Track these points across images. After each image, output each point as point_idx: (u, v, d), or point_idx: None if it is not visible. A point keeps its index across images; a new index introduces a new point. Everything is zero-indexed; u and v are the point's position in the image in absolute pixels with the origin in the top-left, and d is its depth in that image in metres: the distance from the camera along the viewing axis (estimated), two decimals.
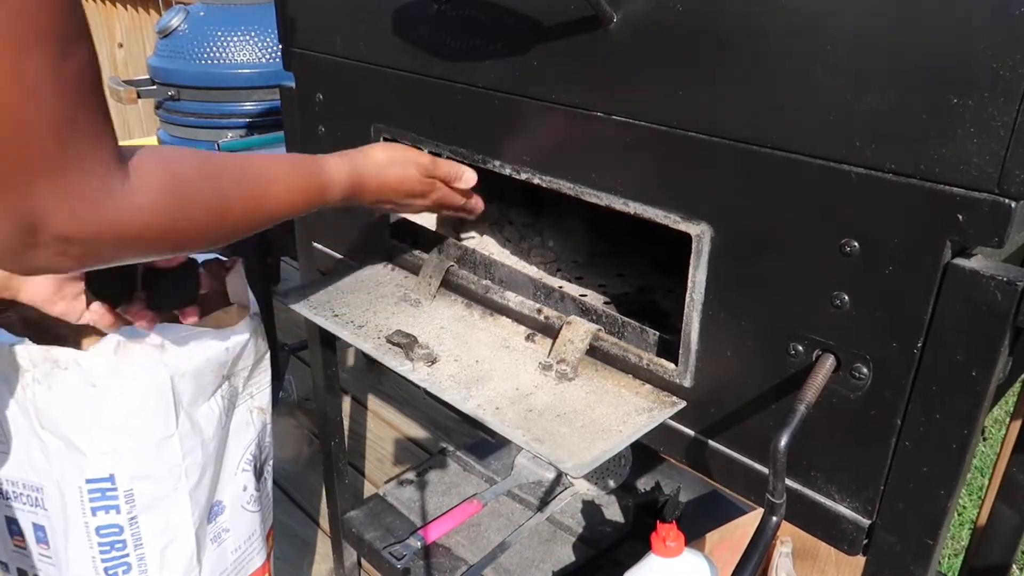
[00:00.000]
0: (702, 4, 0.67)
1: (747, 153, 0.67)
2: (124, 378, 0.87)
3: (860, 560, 0.72)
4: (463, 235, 1.12)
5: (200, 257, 1.09)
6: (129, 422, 0.89)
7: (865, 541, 0.70)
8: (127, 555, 0.94)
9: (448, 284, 1.04)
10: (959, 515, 1.98)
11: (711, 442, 0.80)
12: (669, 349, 0.81)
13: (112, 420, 0.88)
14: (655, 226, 0.77)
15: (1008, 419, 1.20)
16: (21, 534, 0.96)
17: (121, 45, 3.88)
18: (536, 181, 0.86)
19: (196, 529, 0.98)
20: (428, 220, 1.12)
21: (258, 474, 1.09)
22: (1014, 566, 1.31)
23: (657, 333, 0.83)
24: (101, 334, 0.88)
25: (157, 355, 0.89)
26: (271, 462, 1.14)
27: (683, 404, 0.80)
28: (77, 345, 0.91)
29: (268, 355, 1.06)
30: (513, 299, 0.96)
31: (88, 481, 0.89)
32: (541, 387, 0.85)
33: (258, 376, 1.05)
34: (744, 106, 0.66)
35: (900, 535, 0.67)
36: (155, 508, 0.93)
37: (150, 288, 0.88)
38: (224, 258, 1.06)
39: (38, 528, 0.94)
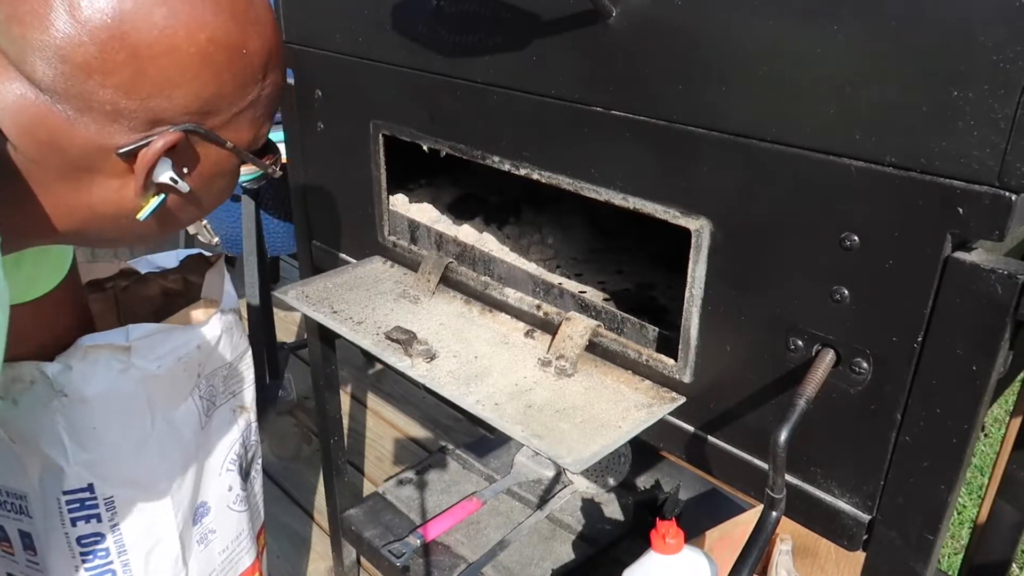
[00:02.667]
0: None
1: (747, 147, 0.67)
2: (94, 385, 0.85)
3: (860, 557, 0.71)
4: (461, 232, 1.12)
5: (183, 252, 1.08)
6: (103, 429, 0.86)
7: (865, 536, 0.70)
8: (111, 562, 0.92)
9: (447, 280, 1.04)
10: (959, 514, 1.98)
11: (711, 438, 0.79)
12: (668, 345, 0.81)
13: (86, 429, 0.85)
14: (655, 222, 0.77)
15: (1008, 417, 1.20)
16: (8, 540, 0.95)
17: None
18: (535, 176, 0.86)
19: (180, 532, 0.96)
20: (426, 217, 1.12)
21: (244, 473, 1.07)
22: (1014, 564, 1.31)
23: (656, 329, 0.83)
24: (70, 342, 0.86)
25: (125, 358, 0.86)
26: (259, 460, 1.13)
27: (682, 400, 0.80)
28: (44, 355, 0.89)
29: (248, 352, 1.04)
30: (512, 295, 0.96)
31: (65, 493, 0.87)
32: (540, 383, 0.85)
33: (239, 374, 1.03)
34: (744, 100, 0.66)
35: (900, 530, 0.67)
36: (137, 513, 0.91)
37: None
38: (208, 253, 1.05)
39: (24, 535, 0.92)
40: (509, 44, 0.83)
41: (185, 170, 0.63)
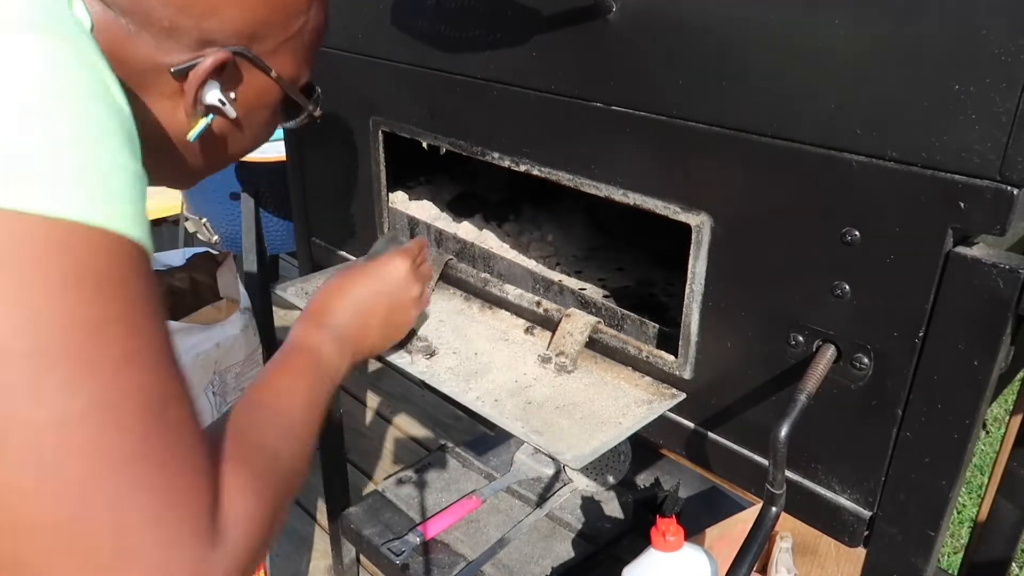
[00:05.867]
0: None
1: (747, 142, 0.67)
2: None
3: (860, 554, 0.71)
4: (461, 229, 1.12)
5: (189, 251, 1.08)
6: None
7: (866, 533, 0.70)
8: None
9: (447, 277, 1.03)
10: (958, 513, 1.97)
11: (711, 434, 0.79)
12: (669, 341, 0.81)
13: None
14: (655, 219, 0.77)
15: (1008, 416, 1.20)
16: None
17: None
18: (535, 172, 0.86)
19: None
20: (426, 214, 1.12)
21: None
22: (1014, 563, 1.31)
23: (656, 325, 0.83)
24: None
25: None
26: None
27: (683, 396, 0.80)
28: None
29: (260, 349, 1.05)
30: (512, 292, 0.96)
31: None
32: (540, 379, 0.84)
33: (250, 371, 1.04)
34: (744, 95, 0.66)
35: (901, 526, 0.66)
36: None
37: None
38: (215, 252, 1.05)
39: None
40: (509, 40, 0.83)
41: (232, 95, 0.65)
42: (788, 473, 0.72)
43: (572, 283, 0.97)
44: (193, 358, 0.91)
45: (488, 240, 1.06)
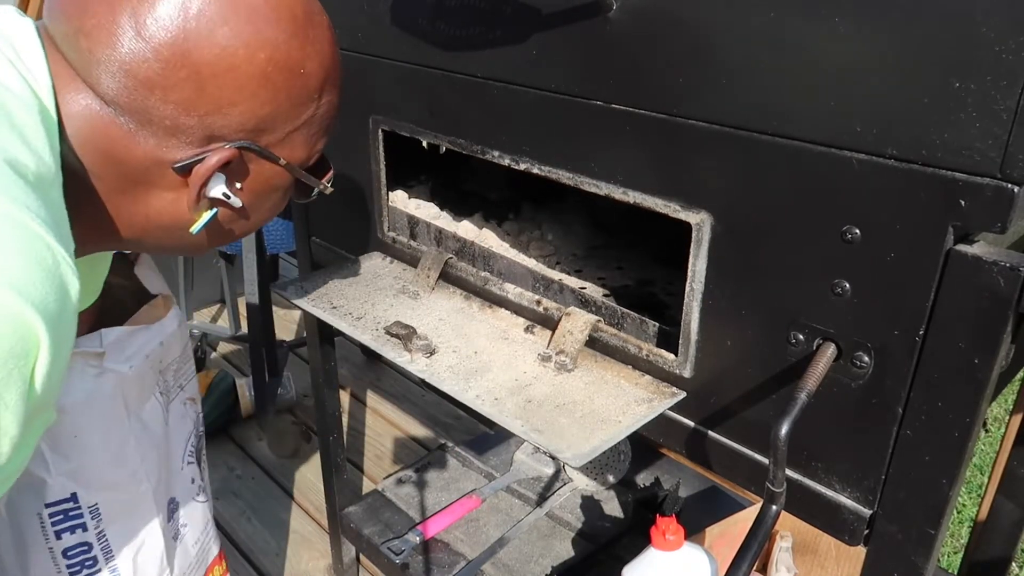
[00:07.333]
0: None
1: (747, 140, 0.67)
2: (72, 394, 0.83)
3: (860, 553, 0.71)
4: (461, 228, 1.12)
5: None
6: (85, 436, 0.85)
7: (866, 531, 0.70)
8: (99, 571, 0.90)
9: (447, 276, 1.03)
10: (958, 513, 1.97)
11: (711, 433, 0.79)
12: (669, 339, 0.81)
13: (66, 438, 0.84)
14: (654, 218, 0.77)
15: (1008, 416, 1.20)
16: None
17: None
18: (535, 171, 0.86)
19: (163, 529, 0.95)
20: (425, 213, 1.12)
21: (200, 464, 1.06)
22: (1013, 563, 1.31)
23: (657, 324, 0.83)
24: None
25: (99, 363, 0.85)
26: (204, 449, 1.11)
27: (683, 395, 0.80)
28: None
29: (190, 343, 1.03)
30: (512, 291, 0.96)
31: (48, 506, 0.85)
32: (540, 378, 0.84)
33: (185, 367, 1.01)
34: (744, 92, 0.66)
35: (901, 525, 0.66)
36: (122, 517, 0.90)
37: None
38: (126, 252, 1.02)
39: None
40: (509, 38, 0.83)
41: (238, 185, 0.64)
42: (788, 472, 0.72)
43: (572, 282, 0.97)
44: (143, 360, 0.89)
45: (488, 239, 1.06)
